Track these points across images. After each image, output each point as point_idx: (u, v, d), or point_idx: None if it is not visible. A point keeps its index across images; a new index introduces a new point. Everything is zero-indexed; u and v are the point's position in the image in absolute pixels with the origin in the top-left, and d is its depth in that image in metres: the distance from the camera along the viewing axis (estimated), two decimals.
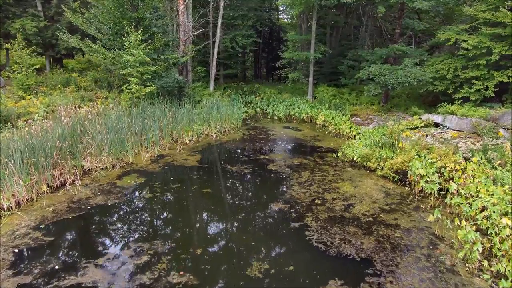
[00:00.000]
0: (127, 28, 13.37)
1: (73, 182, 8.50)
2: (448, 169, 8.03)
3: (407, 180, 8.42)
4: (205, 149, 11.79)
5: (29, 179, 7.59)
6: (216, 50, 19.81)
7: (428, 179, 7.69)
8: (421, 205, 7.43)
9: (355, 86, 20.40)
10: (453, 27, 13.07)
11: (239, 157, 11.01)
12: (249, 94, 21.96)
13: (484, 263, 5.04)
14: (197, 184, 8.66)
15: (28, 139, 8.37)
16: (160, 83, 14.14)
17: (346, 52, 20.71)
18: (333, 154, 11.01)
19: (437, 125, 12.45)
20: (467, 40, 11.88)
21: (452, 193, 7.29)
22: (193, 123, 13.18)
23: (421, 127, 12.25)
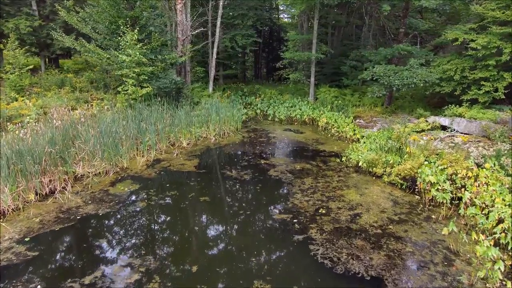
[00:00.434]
0: (123, 27, 12.92)
1: (64, 189, 8.06)
2: (459, 176, 7.58)
3: (416, 187, 7.97)
4: (203, 153, 11.34)
5: (15, 187, 7.14)
6: (215, 50, 19.36)
7: (439, 187, 7.24)
8: (432, 215, 6.98)
9: (357, 87, 19.96)
10: (460, 27, 12.62)
11: (239, 161, 10.56)
12: (249, 95, 21.51)
13: (507, 284, 4.59)
14: (194, 191, 8.20)
15: (15, 144, 7.93)
16: (157, 84, 13.70)
17: (348, 52, 20.25)
18: (337, 158, 10.56)
19: (444, 128, 12.00)
20: (476, 39, 11.43)
21: (465, 203, 6.86)
22: (191, 126, 12.73)
23: (428, 130, 11.80)
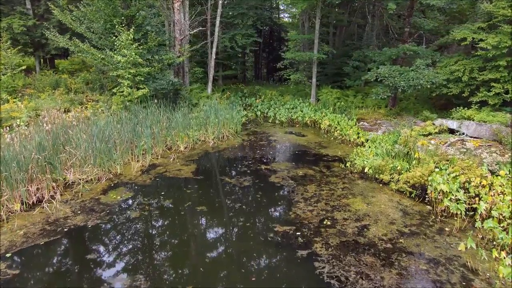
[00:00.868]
0: (118, 26, 12.46)
1: (52, 198, 7.59)
2: (473, 184, 7.10)
3: (426, 196, 7.49)
4: (201, 157, 10.87)
5: None
6: (214, 50, 18.89)
7: (452, 197, 6.77)
8: (445, 228, 6.50)
9: (359, 88, 19.49)
10: (469, 26, 12.14)
11: (238, 167, 10.09)
12: (249, 96, 21.04)
13: None
14: (190, 200, 7.73)
15: (0, 150, 7.47)
16: (154, 86, 13.23)
17: (350, 52, 19.79)
18: (341, 163, 10.09)
19: (451, 132, 11.52)
20: (485, 39, 10.96)
21: (481, 214, 6.39)
22: (189, 129, 12.26)
23: (435, 134, 11.32)
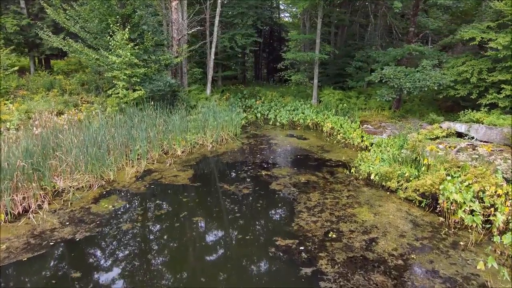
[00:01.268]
0: (112, 26, 12.01)
1: (40, 207, 7.15)
2: (488, 194, 6.65)
3: (437, 205, 7.04)
4: (199, 162, 10.42)
5: None
6: (213, 50, 18.43)
7: (466, 208, 6.32)
8: (459, 241, 6.05)
9: (362, 89, 19.04)
10: (477, 25, 11.69)
11: (238, 172, 9.64)
12: (249, 97, 20.57)
13: None
14: (186, 210, 7.28)
15: None
16: (150, 87, 12.78)
17: (352, 52, 19.32)
18: (345, 169, 9.63)
19: (459, 135, 11.07)
20: (495, 39, 10.51)
21: (498, 227, 5.94)
22: (187, 132, 11.81)
23: (443, 137, 10.87)
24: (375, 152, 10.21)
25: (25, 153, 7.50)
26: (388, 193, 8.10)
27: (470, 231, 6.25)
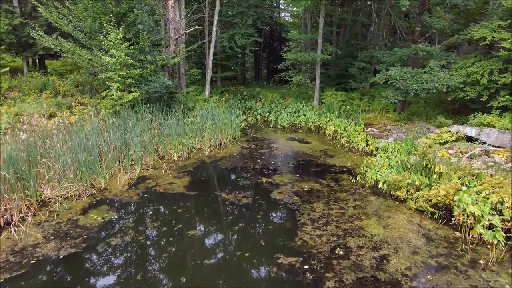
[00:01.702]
0: (106, 25, 11.50)
1: (24, 218, 6.64)
2: (507, 205, 6.14)
3: (452, 218, 6.53)
4: (196, 168, 9.91)
5: None
6: (212, 50, 17.92)
7: (485, 222, 5.81)
8: (479, 259, 5.53)
9: (365, 90, 18.54)
10: (487, 24, 11.19)
11: (237, 179, 9.13)
12: (249, 99, 20.06)
13: None
14: (181, 222, 6.77)
15: None
16: (146, 89, 12.27)
17: (355, 52, 18.83)
18: (350, 176, 9.12)
19: (469, 140, 10.56)
20: (507, 38, 10.00)
21: None
22: (184, 136, 11.30)
23: (452, 142, 10.36)
24: (381, 157, 9.69)
25: (8, 161, 6.98)
26: (397, 203, 7.59)
27: (489, 247, 5.74)
